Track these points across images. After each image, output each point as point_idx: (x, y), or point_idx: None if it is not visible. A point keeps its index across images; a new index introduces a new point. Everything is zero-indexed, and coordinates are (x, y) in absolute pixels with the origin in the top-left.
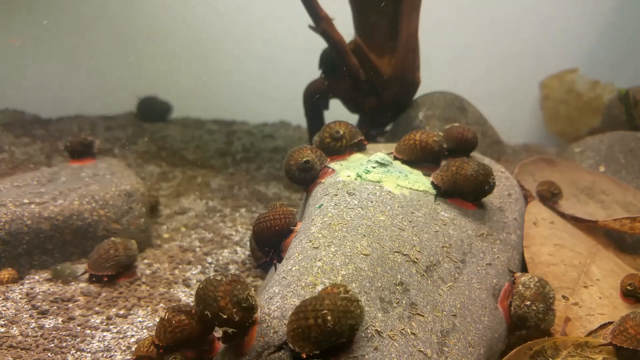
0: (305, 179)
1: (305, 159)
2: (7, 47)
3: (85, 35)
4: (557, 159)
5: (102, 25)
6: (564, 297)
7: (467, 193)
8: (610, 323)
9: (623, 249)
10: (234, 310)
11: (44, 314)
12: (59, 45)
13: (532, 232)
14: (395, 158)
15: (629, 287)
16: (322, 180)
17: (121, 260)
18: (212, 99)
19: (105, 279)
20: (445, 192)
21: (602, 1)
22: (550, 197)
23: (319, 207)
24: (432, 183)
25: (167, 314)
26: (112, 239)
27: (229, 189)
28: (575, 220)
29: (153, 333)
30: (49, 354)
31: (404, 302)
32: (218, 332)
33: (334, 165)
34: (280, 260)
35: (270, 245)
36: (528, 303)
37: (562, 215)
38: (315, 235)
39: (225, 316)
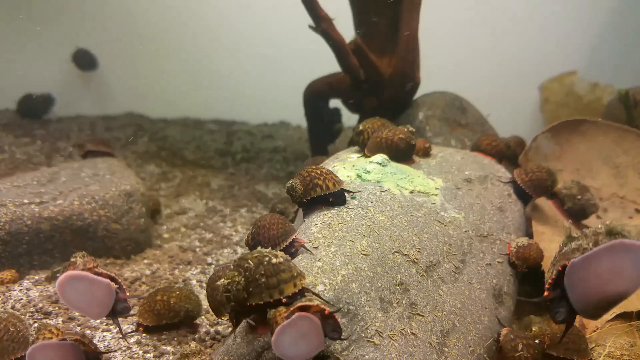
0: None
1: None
2: (6, 47)
3: (85, 36)
4: (591, 119)
5: (102, 25)
6: None
7: None
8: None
9: None
10: None
11: (44, 314)
12: (59, 46)
13: (540, 228)
14: (367, 156)
15: None
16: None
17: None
18: (212, 99)
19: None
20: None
21: (601, 3)
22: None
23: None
24: None
25: None
26: None
27: (229, 189)
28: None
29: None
30: None
31: (404, 302)
32: None
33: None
34: None
35: None
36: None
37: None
38: (315, 235)
39: None
